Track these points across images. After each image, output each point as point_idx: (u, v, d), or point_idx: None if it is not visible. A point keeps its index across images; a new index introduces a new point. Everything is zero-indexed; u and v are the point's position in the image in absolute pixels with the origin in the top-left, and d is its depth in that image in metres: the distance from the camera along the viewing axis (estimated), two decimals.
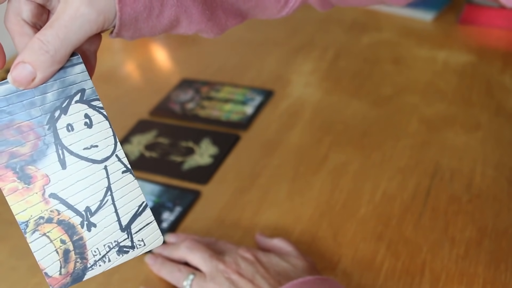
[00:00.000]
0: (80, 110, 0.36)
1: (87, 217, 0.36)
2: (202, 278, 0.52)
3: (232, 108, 0.80)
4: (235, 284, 0.50)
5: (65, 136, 0.36)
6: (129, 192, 0.37)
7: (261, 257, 0.53)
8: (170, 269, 0.54)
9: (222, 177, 0.68)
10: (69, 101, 0.36)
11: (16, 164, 0.35)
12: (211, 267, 0.52)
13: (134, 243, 0.37)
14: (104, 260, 0.36)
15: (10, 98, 0.35)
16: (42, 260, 0.35)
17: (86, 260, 0.36)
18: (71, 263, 0.36)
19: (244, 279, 0.50)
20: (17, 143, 0.35)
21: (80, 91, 0.36)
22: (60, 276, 0.36)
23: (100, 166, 0.37)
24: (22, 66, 0.34)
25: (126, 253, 0.37)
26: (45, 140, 0.35)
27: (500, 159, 0.68)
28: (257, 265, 0.51)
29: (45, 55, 0.34)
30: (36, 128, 0.35)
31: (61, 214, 0.36)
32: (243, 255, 0.52)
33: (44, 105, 0.35)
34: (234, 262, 0.52)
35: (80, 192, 0.36)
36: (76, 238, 0.36)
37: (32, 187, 0.35)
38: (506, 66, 0.86)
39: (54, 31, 0.34)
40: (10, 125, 0.34)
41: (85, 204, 0.36)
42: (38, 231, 0.35)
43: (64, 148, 0.36)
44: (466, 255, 0.56)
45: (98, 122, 0.37)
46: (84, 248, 0.36)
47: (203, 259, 0.53)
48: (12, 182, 0.35)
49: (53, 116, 0.35)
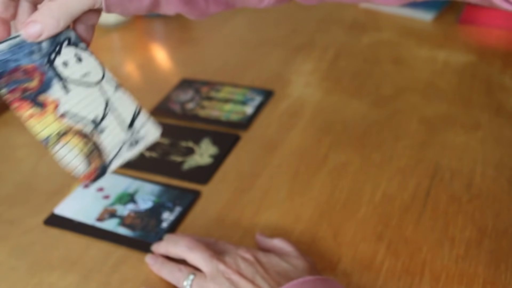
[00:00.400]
0: (70, 51, 0.47)
1: (96, 125, 0.45)
2: (202, 278, 0.52)
3: (232, 108, 0.80)
4: (235, 284, 0.50)
5: (62, 70, 0.46)
6: (124, 101, 0.47)
7: (261, 257, 0.53)
8: (170, 269, 0.54)
9: (222, 177, 0.68)
10: (60, 46, 0.46)
11: (29, 95, 0.44)
12: (211, 267, 0.52)
13: (139, 138, 0.47)
14: (120, 155, 0.46)
15: (14, 50, 0.44)
16: (69, 164, 0.45)
17: (106, 158, 0.45)
18: (93, 163, 0.45)
19: (244, 279, 0.50)
20: (26, 81, 0.44)
21: (67, 38, 0.47)
22: (87, 174, 0.45)
23: (96, 87, 0.47)
24: (34, 24, 0.44)
25: (135, 147, 0.47)
26: (48, 75, 0.45)
27: (500, 159, 0.68)
28: (257, 266, 0.51)
29: (52, 19, 0.44)
30: (39, 68, 0.45)
31: (74, 126, 0.45)
32: (243, 256, 0.52)
33: (41, 51, 0.45)
34: (234, 262, 0.52)
35: (85, 107, 0.45)
36: (92, 143, 0.45)
37: (46, 110, 0.44)
38: (506, 66, 0.86)
39: (58, 3, 0.44)
40: (18, 69, 0.44)
41: (92, 116, 0.45)
42: (60, 142, 0.44)
43: (64, 78, 0.46)
44: (466, 255, 0.56)
45: (85, 57, 0.48)
46: (101, 150, 0.45)
47: (203, 259, 0.53)
48: (29, 109, 0.44)
49: (50, 58, 0.45)
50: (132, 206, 0.64)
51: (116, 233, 0.61)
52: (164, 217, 0.62)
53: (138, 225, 0.62)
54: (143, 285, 0.55)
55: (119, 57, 1.01)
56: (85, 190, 0.67)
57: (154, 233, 0.60)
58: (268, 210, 0.63)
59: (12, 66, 0.44)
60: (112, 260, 0.58)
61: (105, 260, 0.58)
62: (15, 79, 0.44)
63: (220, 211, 0.63)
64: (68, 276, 0.57)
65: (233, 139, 0.75)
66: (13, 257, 0.59)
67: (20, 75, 0.44)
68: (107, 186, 0.67)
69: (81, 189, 0.67)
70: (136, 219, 0.62)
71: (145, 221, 0.62)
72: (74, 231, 0.62)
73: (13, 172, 0.72)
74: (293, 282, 0.48)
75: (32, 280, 0.56)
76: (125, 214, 0.63)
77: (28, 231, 0.63)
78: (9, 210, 0.66)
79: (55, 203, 0.65)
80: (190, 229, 0.61)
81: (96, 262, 0.58)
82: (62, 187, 0.68)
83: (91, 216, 0.63)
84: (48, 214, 0.64)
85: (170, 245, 0.56)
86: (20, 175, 0.71)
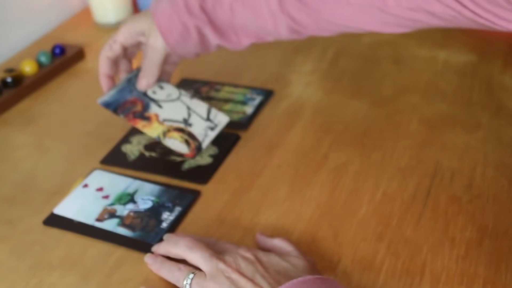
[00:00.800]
0: (156, 84, 0.73)
1: (186, 122, 0.70)
2: (202, 277, 0.52)
3: (232, 108, 0.80)
4: (235, 283, 0.50)
5: (153, 96, 0.72)
6: (198, 104, 0.73)
7: (261, 256, 0.53)
8: (170, 268, 0.54)
9: (222, 177, 0.68)
10: None
11: (138, 115, 0.69)
12: (211, 266, 0.52)
13: (215, 124, 0.71)
14: (207, 136, 0.69)
15: (120, 92, 0.71)
16: (177, 148, 0.68)
17: (198, 140, 0.68)
18: (191, 144, 0.68)
19: (244, 278, 0.50)
20: (133, 107, 0.70)
21: None
22: (190, 152, 0.68)
23: (178, 100, 0.72)
24: (142, 79, 0.72)
25: (215, 130, 0.70)
26: (145, 101, 0.71)
27: (500, 159, 0.68)
28: (257, 265, 0.51)
29: (150, 73, 0.72)
30: (138, 98, 0.71)
31: (172, 125, 0.69)
32: (243, 255, 0.52)
33: (136, 88, 0.72)
34: (234, 261, 0.52)
35: (175, 113, 0.70)
36: (187, 133, 0.69)
37: (152, 121, 0.69)
38: (506, 66, 0.86)
39: (147, 61, 0.71)
40: (126, 102, 0.70)
41: (181, 117, 0.70)
42: (166, 137, 0.68)
43: (156, 100, 0.71)
44: (466, 255, 0.56)
45: (165, 85, 0.74)
46: (194, 136, 0.69)
47: (203, 258, 0.53)
48: (141, 123, 0.69)
49: (144, 91, 0.72)
50: (132, 206, 0.64)
51: (116, 233, 0.61)
52: (164, 217, 0.62)
53: (138, 225, 0.61)
54: (143, 285, 0.55)
55: None
56: (84, 190, 0.67)
57: (154, 233, 0.60)
58: (268, 210, 0.63)
59: (122, 101, 0.70)
60: (111, 260, 0.58)
61: (105, 260, 0.58)
62: (126, 107, 0.70)
63: (220, 211, 0.63)
64: (67, 276, 0.57)
65: (233, 139, 0.74)
66: (13, 257, 0.59)
67: (129, 105, 0.70)
68: (107, 186, 0.67)
69: (81, 189, 0.67)
70: (136, 219, 0.62)
71: (144, 221, 0.62)
72: (73, 231, 0.62)
73: (12, 172, 0.72)
74: (293, 281, 0.48)
75: (32, 281, 0.56)
76: (124, 214, 0.63)
77: (27, 231, 0.62)
78: (8, 210, 0.66)
79: (55, 203, 0.65)
80: (190, 229, 0.61)
81: (96, 262, 0.58)
82: (62, 187, 0.68)
83: (91, 216, 0.63)
84: (48, 214, 0.64)
85: (170, 245, 0.56)
86: (20, 175, 0.71)
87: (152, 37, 0.69)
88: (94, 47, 1.02)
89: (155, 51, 0.70)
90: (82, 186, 0.68)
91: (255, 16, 0.67)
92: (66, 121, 0.82)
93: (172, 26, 0.68)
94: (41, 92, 0.89)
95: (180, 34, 0.69)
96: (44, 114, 0.84)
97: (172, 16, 0.68)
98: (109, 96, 0.70)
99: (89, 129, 0.79)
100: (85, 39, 1.04)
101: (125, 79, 0.74)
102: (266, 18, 0.67)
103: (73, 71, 0.95)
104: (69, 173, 0.71)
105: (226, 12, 0.68)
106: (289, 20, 0.66)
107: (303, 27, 0.67)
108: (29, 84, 0.88)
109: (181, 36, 0.69)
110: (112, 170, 0.70)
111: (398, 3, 0.58)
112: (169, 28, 0.68)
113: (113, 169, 0.71)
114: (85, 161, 0.72)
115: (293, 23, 0.66)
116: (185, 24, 0.68)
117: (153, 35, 0.69)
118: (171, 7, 0.68)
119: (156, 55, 0.70)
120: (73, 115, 0.83)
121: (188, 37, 0.69)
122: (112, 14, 1.08)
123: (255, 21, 0.67)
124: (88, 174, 0.70)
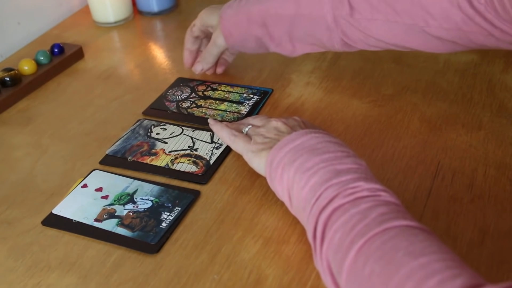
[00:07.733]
0: (157, 128, 0.77)
1: (192, 149, 0.72)
2: (256, 126, 0.66)
3: (227, 108, 0.80)
4: (278, 129, 0.63)
5: (157, 137, 0.75)
6: (202, 134, 0.75)
7: (305, 121, 0.65)
8: (228, 132, 0.67)
9: (222, 177, 0.68)
10: (151, 129, 0.77)
11: (145, 153, 0.72)
12: (264, 121, 0.66)
13: (220, 144, 0.73)
14: (214, 154, 0.71)
15: (127, 140, 0.75)
16: (186, 169, 0.69)
17: (206, 158, 0.70)
18: (199, 163, 0.70)
19: (287, 127, 0.62)
20: (140, 148, 0.73)
21: (151, 125, 0.78)
22: (198, 170, 0.69)
23: (182, 135, 0.75)
24: (197, 64, 0.84)
25: (220, 148, 0.72)
26: (151, 142, 0.74)
27: (502, 159, 0.67)
28: (300, 123, 0.64)
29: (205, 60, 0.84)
30: (144, 141, 0.75)
31: (179, 153, 0.72)
32: (291, 118, 0.65)
33: (141, 134, 0.76)
34: (282, 119, 0.65)
35: (181, 145, 0.73)
36: (194, 156, 0.71)
37: (159, 155, 0.72)
38: (508, 65, 0.85)
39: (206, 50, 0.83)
40: (132, 146, 0.74)
41: (187, 146, 0.73)
42: (175, 163, 0.70)
43: (160, 139, 0.74)
44: (467, 255, 0.55)
45: (167, 126, 0.77)
46: (201, 156, 0.71)
47: (259, 118, 0.68)
48: (149, 158, 0.71)
49: (148, 134, 0.76)
50: (131, 206, 0.64)
51: (115, 234, 0.60)
52: (164, 217, 0.62)
53: (137, 225, 0.61)
54: (142, 285, 0.55)
55: (118, 55, 1.01)
56: (83, 190, 0.67)
57: (153, 234, 0.60)
58: (268, 210, 0.63)
59: (128, 147, 0.74)
60: (111, 261, 0.58)
61: (104, 261, 0.58)
62: (133, 150, 0.73)
63: (220, 211, 0.63)
64: (66, 277, 0.56)
65: None
66: (12, 258, 0.59)
67: (135, 148, 0.73)
68: (106, 186, 0.67)
69: (80, 189, 0.67)
70: (135, 219, 0.62)
71: (144, 221, 0.62)
72: (72, 232, 0.61)
73: (11, 172, 0.72)
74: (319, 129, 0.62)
75: (31, 281, 0.56)
76: (124, 214, 0.63)
77: (26, 232, 0.62)
78: (7, 211, 0.66)
79: (54, 204, 0.65)
80: (189, 229, 0.61)
81: (95, 263, 0.58)
82: (60, 187, 0.68)
83: (90, 216, 0.63)
84: (47, 214, 0.64)
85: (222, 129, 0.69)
86: (18, 176, 0.71)
87: (216, 33, 0.80)
88: (93, 46, 1.01)
89: (215, 45, 0.81)
90: (81, 186, 0.67)
91: (314, 31, 0.73)
92: (65, 121, 0.81)
93: (234, 32, 0.78)
94: (39, 91, 0.89)
95: (240, 39, 0.78)
96: (43, 113, 0.84)
97: (235, 24, 0.78)
98: (116, 146, 0.74)
99: (88, 129, 0.79)
100: (84, 38, 1.04)
101: (129, 131, 0.76)
102: (323, 32, 0.72)
103: (72, 70, 0.95)
104: (68, 173, 0.71)
105: (285, 26, 0.75)
106: (342, 34, 0.71)
107: (353, 41, 0.72)
108: (27, 84, 0.87)
109: (240, 40, 0.79)
110: (112, 171, 0.70)
111: (439, 24, 0.63)
112: (231, 32, 0.78)
113: (112, 169, 0.70)
114: (84, 161, 0.72)
115: (345, 37, 0.72)
116: (246, 33, 0.77)
117: (217, 32, 0.80)
118: (236, 15, 0.77)
119: (215, 48, 0.81)
120: (72, 115, 0.83)
121: (247, 43, 0.79)
122: (111, 13, 1.07)
123: (313, 34, 0.74)
124: (87, 174, 0.69)
